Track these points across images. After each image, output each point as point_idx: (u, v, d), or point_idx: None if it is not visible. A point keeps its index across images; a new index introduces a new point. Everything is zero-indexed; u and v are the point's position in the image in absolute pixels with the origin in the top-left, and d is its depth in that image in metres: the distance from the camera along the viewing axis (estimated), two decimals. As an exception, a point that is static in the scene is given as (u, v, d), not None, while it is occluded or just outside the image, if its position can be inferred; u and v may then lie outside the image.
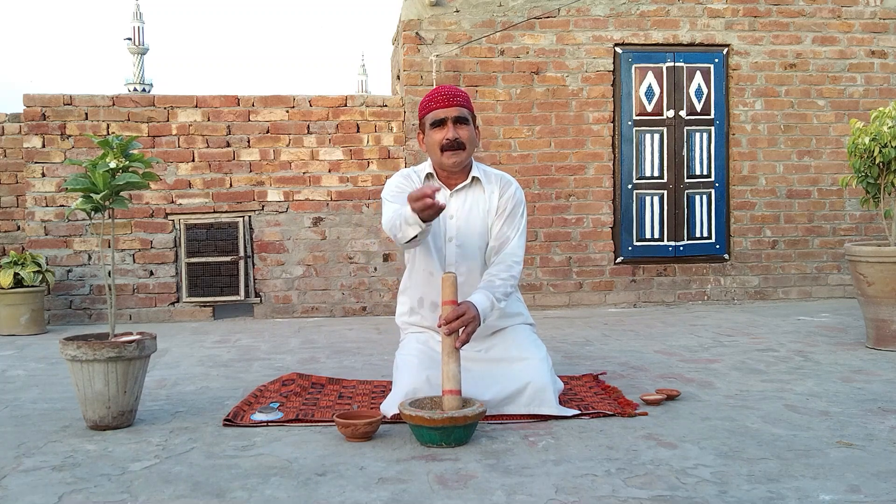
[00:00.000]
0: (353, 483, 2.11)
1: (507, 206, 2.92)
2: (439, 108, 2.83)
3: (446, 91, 2.85)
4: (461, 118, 2.83)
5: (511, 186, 2.96)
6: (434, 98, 2.85)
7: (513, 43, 5.81)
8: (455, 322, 2.54)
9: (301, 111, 5.78)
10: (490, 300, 2.71)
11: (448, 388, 2.49)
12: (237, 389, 3.32)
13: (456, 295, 2.59)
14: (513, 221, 2.92)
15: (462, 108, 2.84)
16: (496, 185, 2.95)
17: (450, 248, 2.90)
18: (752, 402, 2.93)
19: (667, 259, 5.99)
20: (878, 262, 3.89)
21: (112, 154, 2.72)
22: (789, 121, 6.10)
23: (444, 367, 2.51)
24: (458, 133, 2.82)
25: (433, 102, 2.85)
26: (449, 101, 2.83)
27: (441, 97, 2.84)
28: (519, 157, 5.84)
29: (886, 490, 1.99)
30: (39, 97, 5.62)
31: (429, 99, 2.87)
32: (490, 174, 2.99)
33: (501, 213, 2.92)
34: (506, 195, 2.93)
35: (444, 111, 2.82)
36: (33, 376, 3.70)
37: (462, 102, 2.85)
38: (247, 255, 5.74)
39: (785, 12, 6.04)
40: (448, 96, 2.84)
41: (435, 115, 2.83)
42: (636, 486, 2.03)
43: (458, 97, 2.85)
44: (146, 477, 2.18)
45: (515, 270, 2.87)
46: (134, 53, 59.62)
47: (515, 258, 2.89)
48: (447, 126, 2.82)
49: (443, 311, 2.58)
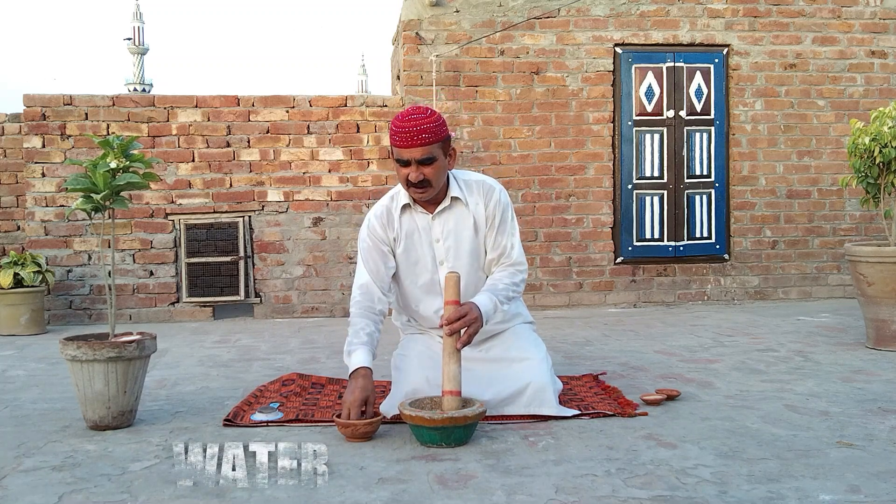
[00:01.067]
0: (353, 483, 2.11)
1: (496, 214, 2.82)
2: (402, 147, 2.63)
3: (410, 128, 2.61)
4: (426, 159, 2.64)
5: (494, 192, 2.84)
6: (398, 134, 2.63)
7: (513, 43, 5.81)
8: (457, 323, 2.52)
9: (301, 111, 5.78)
10: (493, 302, 2.68)
11: (448, 389, 2.48)
12: (237, 389, 3.32)
13: (459, 295, 2.58)
14: (505, 227, 2.84)
15: (427, 147, 2.62)
16: (479, 195, 2.83)
17: (442, 272, 2.82)
18: (752, 402, 2.93)
19: (667, 259, 5.99)
20: (878, 262, 3.89)
21: (112, 154, 2.72)
22: (789, 121, 6.10)
23: (445, 368, 2.51)
24: (423, 173, 2.65)
25: (397, 138, 2.64)
26: (412, 140, 2.61)
27: (404, 136, 2.62)
28: (519, 157, 5.84)
29: (886, 490, 1.99)
30: (39, 97, 5.62)
31: (394, 131, 2.65)
32: (471, 185, 2.85)
33: (492, 224, 2.83)
34: (491, 204, 2.82)
35: (408, 152, 2.63)
36: (33, 376, 3.70)
37: (428, 140, 2.62)
38: (247, 255, 5.74)
39: (785, 12, 6.04)
40: (411, 135, 2.61)
41: (399, 154, 2.66)
42: (636, 486, 2.04)
43: (423, 134, 2.61)
44: (146, 477, 2.19)
45: (519, 278, 2.83)
46: (134, 53, 59.60)
47: (520, 266, 2.85)
48: (412, 167, 2.66)
49: (445, 310, 2.57)
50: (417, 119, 2.63)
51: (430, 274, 2.85)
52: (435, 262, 2.85)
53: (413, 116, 2.64)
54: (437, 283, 2.85)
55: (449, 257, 2.82)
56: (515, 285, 2.82)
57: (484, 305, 2.64)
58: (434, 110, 2.72)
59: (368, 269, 2.82)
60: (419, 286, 2.88)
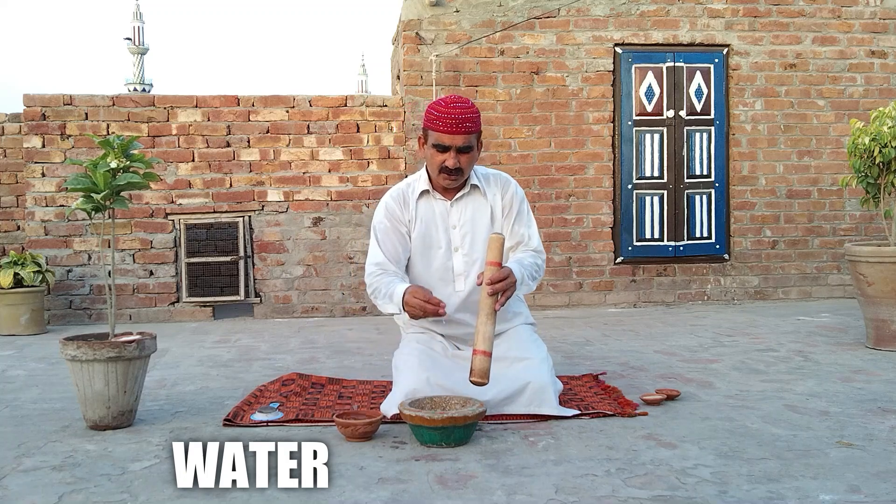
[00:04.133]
0: (353, 483, 2.11)
1: (514, 205, 2.91)
2: (445, 133, 2.68)
3: (456, 116, 2.67)
4: (465, 147, 2.71)
5: (510, 185, 2.94)
6: (442, 120, 2.68)
7: (513, 43, 5.81)
8: (500, 283, 2.54)
9: (301, 111, 5.78)
10: (521, 274, 2.71)
11: (481, 349, 2.48)
12: (237, 389, 3.32)
13: (501, 257, 2.60)
14: (522, 218, 2.92)
15: (469, 136, 2.71)
16: (496, 186, 2.93)
17: (457, 259, 2.88)
18: (752, 402, 2.93)
19: (667, 259, 5.99)
20: (878, 262, 3.89)
21: (113, 154, 2.72)
22: (789, 121, 6.10)
23: (481, 328, 2.51)
24: (460, 161, 2.73)
25: (440, 124, 2.68)
26: (457, 127, 2.67)
27: (450, 122, 2.67)
28: (519, 157, 5.84)
29: (886, 490, 1.99)
30: (39, 97, 5.62)
31: (437, 116, 2.70)
32: (488, 176, 2.95)
33: (509, 213, 2.91)
34: (508, 195, 2.91)
35: (450, 138, 2.69)
36: (33, 376, 3.70)
37: (471, 129, 2.70)
38: (247, 255, 5.74)
39: (785, 12, 6.04)
40: (457, 122, 2.67)
41: (439, 139, 2.70)
42: (636, 486, 2.04)
43: (467, 122, 2.68)
44: (146, 477, 2.19)
45: (541, 259, 2.89)
46: (134, 53, 59.57)
47: (539, 254, 2.90)
48: (450, 153, 2.72)
49: (487, 270, 2.58)
50: (463, 107, 2.70)
51: (444, 259, 2.89)
52: (450, 249, 2.89)
53: (458, 105, 2.70)
54: (450, 270, 2.88)
55: (465, 244, 2.87)
56: (538, 266, 2.86)
57: (517, 272, 2.67)
58: (472, 101, 2.80)
59: (385, 250, 2.84)
60: (432, 270, 2.89)
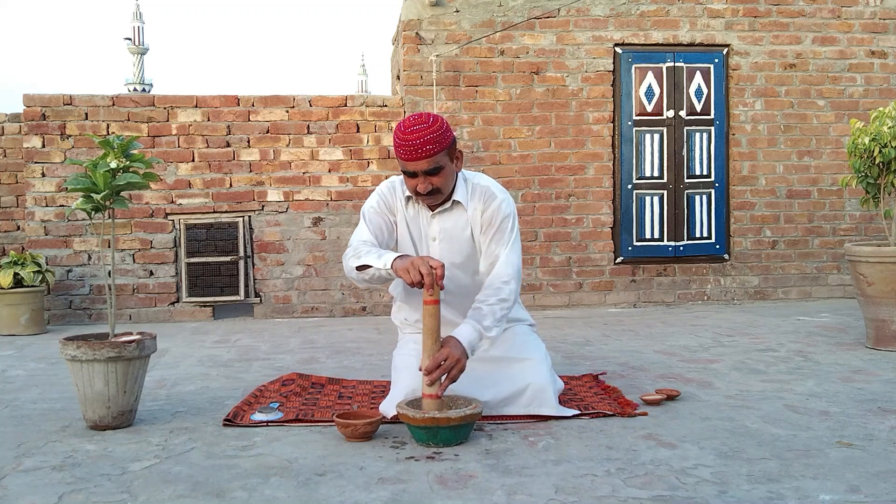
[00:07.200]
0: (353, 483, 2.11)
1: (493, 220, 2.75)
2: (407, 161, 2.59)
3: (413, 142, 2.55)
4: (432, 170, 2.60)
5: (495, 200, 2.76)
6: (402, 147, 2.58)
7: (513, 43, 5.81)
8: (435, 372, 2.42)
9: (301, 111, 5.78)
10: (477, 331, 2.57)
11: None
12: (237, 389, 3.32)
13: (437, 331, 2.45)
14: (501, 237, 2.75)
15: (432, 158, 2.57)
16: (479, 200, 2.77)
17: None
18: (752, 402, 2.93)
19: (667, 259, 5.99)
20: (878, 262, 3.89)
21: (113, 154, 2.72)
22: (789, 121, 6.10)
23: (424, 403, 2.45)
24: (431, 182, 2.63)
25: (401, 151, 2.59)
26: (416, 154, 2.56)
27: (408, 150, 2.56)
28: (519, 157, 5.84)
29: (886, 490, 1.99)
30: (39, 97, 5.62)
31: (397, 143, 2.60)
32: (476, 189, 2.80)
33: (486, 228, 2.76)
34: (489, 210, 2.75)
35: (413, 165, 2.59)
36: (33, 376, 3.70)
37: (433, 151, 2.57)
38: (247, 255, 5.74)
39: (785, 12, 6.04)
40: (415, 149, 2.55)
41: (405, 166, 2.62)
42: (636, 486, 2.04)
43: (426, 146, 2.55)
44: (146, 477, 2.18)
45: (505, 292, 2.67)
46: (134, 53, 59.61)
47: (504, 279, 2.69)
48: (419, 178, 2.63)
49: (423, 354, 2.45)
50: (420, 130, 2.56)
51: None
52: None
53: (415, 128, 2.57)
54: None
55: (444, 257, 2.78)
56: (503, 301, 2.67)
57: (467, 337, 2.54)
58: (436, 116, 2.65)
59: (372, 229, 2.77)
60: None
